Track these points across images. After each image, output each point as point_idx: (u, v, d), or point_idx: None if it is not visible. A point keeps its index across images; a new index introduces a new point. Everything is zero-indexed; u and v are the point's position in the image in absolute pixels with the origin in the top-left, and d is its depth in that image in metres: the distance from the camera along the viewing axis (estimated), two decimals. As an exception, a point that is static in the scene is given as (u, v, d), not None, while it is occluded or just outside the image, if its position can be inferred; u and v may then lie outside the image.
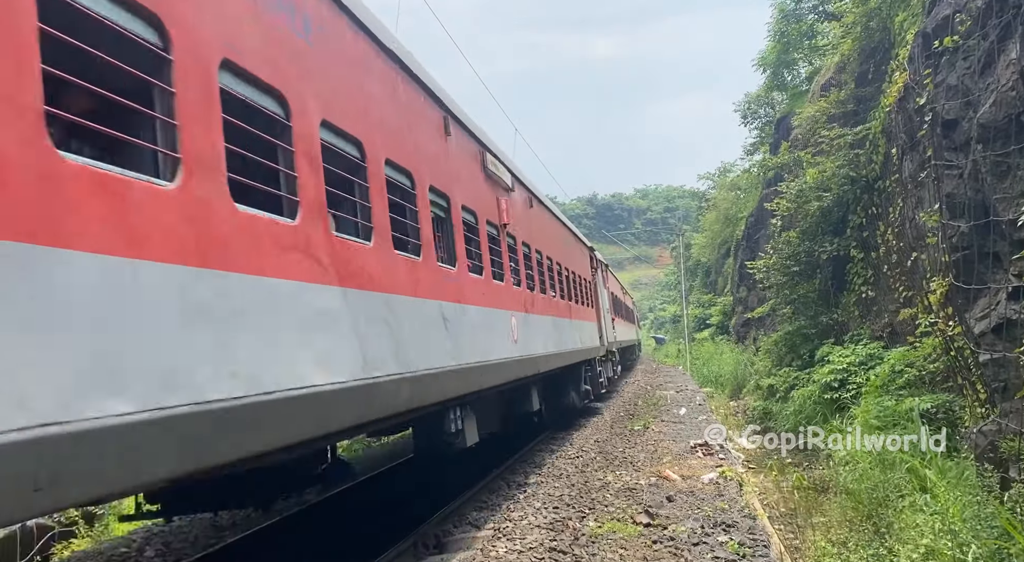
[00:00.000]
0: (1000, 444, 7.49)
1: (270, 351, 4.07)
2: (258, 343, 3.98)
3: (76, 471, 2.80)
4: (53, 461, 2.67)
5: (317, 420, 4.44)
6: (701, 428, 15.28)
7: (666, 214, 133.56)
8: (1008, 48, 8.03)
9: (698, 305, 51.17)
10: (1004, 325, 7.84)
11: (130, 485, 3.24)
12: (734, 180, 45.89)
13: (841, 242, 16.44)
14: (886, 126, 13.82)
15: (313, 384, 4.35)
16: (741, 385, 25.77)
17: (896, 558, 6.49)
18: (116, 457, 2.99)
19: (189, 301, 3.49)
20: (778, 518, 9.66)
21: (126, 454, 3.04)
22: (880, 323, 14.40)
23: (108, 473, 2.96)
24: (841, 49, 19.69)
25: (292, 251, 4.39)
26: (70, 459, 2.75)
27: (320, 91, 5.05)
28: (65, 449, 2.72)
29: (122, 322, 3.10)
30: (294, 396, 4.15)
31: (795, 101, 29.64)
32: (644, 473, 10.78)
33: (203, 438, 3.48)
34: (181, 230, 3.51)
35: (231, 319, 3.78)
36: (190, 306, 3.48)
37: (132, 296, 3.15)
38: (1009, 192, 7.79)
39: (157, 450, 3.20)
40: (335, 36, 5.43)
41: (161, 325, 3.33)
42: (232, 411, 3.64)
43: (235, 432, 3.70)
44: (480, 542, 7.56)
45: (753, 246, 28.82)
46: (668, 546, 7.18)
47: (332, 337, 4.73)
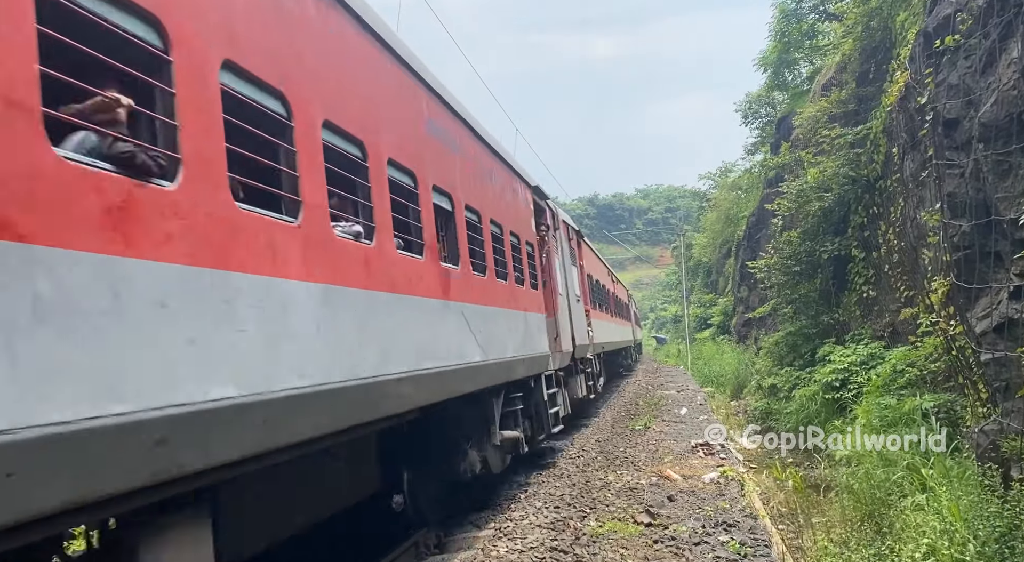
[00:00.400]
0: (1001, 443, 7.48)
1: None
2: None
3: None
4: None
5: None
6: (702, 428, 15.27)
7: (667, 214, 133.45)
8: (1009, 47, 8.02)
9: (699, 305, 51.16)
10: (1006, 324, 7.83)
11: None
12: (735, 180, 45.88)
13: (842, 242, 16.43)
14: (887, 125, 13.81)
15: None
16: (742, 385, 25.75)
17: (897, 558, 6.48)
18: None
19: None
20: (779, 518, 9.65)
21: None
22: (881, 323, 14.39)
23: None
24: (842, 49, 19.69)
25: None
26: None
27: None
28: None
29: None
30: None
31: (796, 101, 29.62)
32: (645, 473, 10.77)
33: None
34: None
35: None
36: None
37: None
38: (1011, 191, 7.78)
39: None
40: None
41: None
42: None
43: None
44: (481, 542, 7.55)
45: (754, 246, 28.80)
46: (669, 546, 7.17)
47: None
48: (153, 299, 3.18)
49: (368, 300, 5.29)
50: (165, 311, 3.23)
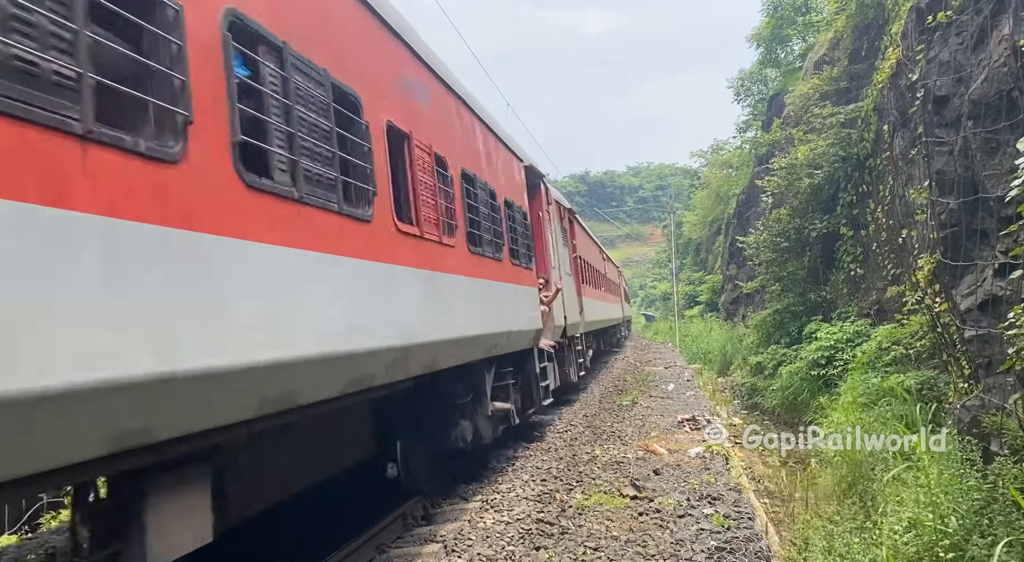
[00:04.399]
0: (983, 419, 7.57)
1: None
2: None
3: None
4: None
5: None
6: (689, 403, 15.39)
7: (658, 192, 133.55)
8: (1001, 23, 7.99)
9: (688, 283, 51.37)
10: (990, 301, 7.90)
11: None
12: (726, 158, 45.86)
13: (831, 220, 16.48)
14: (878, 103, 13.79)
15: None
16: (729, 362, 25.96)
17: (879, 530, 6.58)
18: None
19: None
20: (763, 492, 9.77)
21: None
22: (868, 301, 14.49)
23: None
24: (835, 25, 19.60)
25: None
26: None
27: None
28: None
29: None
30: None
31: (788, 78, 29.53)
32: (632, 447, 10.86)
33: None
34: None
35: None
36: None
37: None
38: (998, 169, 7.80)
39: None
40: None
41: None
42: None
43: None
44: (468, 514, 7.61)
45: (744, 224, 28.87)
46: (654, 518, 7.25)
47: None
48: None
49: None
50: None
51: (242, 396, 3.70)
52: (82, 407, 2.70)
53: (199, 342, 3.30)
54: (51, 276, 2.59)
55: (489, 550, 6.38)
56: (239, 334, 3.61)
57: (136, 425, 3.02)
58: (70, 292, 2.66)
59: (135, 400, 2.96)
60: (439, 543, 6.69)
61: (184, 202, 3.31)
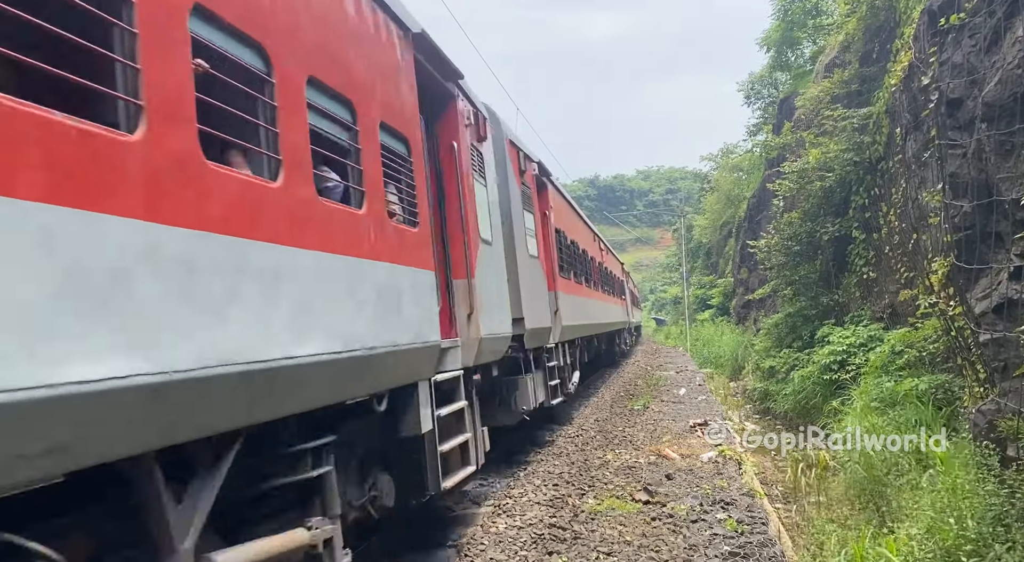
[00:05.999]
0: (999, 423, 7.50)
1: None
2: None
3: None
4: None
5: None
6: (700, 408, 15.34)
7: (668, 195, 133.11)
8: (1015, 25, 7.94)
9: (699, 287, 51.19)
10: (1005, 305, 7.83)
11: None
12: (736, 161, 45.72)
13: (843, 223, 16.39)
14: (890, 106, 13.72)
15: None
16: (741, 366, 25.84)
17: (896, 535, 6.53)
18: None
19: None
20: (777, 497, 9.72)
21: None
22: (881, 304, 14.39)
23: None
24: (846, 28, 19.51)
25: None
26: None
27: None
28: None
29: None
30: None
31: (799, 81, 29.43)
32: (643, 452, 10.83)
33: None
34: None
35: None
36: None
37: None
38: (1013, 171, 7.74)
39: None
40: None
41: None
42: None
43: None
44: (480, 518, 7.61)
45: (755, 227, 28.76)
46: (667, 523, 7.23)
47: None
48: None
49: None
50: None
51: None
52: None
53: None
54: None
55: (502, 555, 6.38)
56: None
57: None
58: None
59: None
60: (451, 548, 6.69)
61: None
